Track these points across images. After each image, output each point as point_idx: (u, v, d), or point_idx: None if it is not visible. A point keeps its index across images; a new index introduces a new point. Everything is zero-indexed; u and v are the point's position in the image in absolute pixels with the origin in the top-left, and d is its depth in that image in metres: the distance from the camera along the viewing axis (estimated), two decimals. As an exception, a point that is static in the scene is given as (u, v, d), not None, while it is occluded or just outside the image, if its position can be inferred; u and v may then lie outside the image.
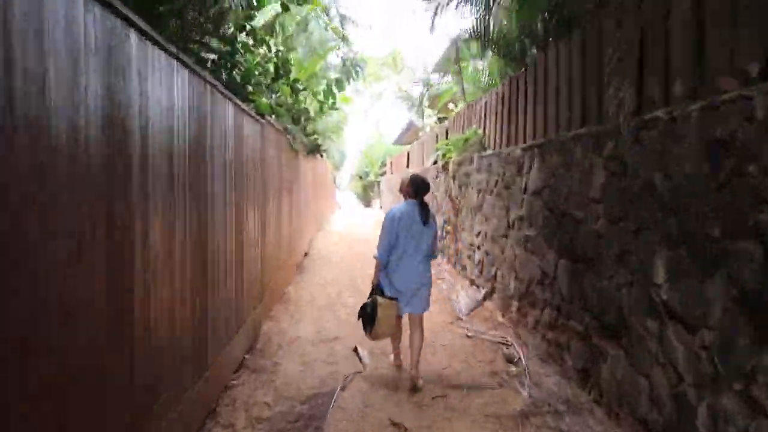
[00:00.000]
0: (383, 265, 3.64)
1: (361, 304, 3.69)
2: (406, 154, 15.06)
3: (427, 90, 12.79)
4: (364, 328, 3.66)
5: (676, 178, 2.34)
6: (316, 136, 8.69)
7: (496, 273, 5.25)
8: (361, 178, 30.28)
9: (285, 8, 4.73)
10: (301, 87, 6.04)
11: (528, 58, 5.31)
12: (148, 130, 2.02)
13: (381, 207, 22.63)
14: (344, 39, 7.55)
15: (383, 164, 25.24)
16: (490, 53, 6.57)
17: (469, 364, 4.02)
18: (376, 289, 3.67)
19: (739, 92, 1.98)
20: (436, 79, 12.56)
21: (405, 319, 3.80)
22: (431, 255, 3.75)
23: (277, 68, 5.13)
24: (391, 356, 3.96)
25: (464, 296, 5.88)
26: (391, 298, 3.60)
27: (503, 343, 4.37)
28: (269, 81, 5.06)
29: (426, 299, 3.70)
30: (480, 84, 7.81)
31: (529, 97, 4.71)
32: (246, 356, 3.95)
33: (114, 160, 1.74)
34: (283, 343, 4.35)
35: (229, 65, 3.76)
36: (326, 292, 6.41)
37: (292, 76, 5.58)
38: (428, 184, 3.75)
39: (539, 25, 4.96)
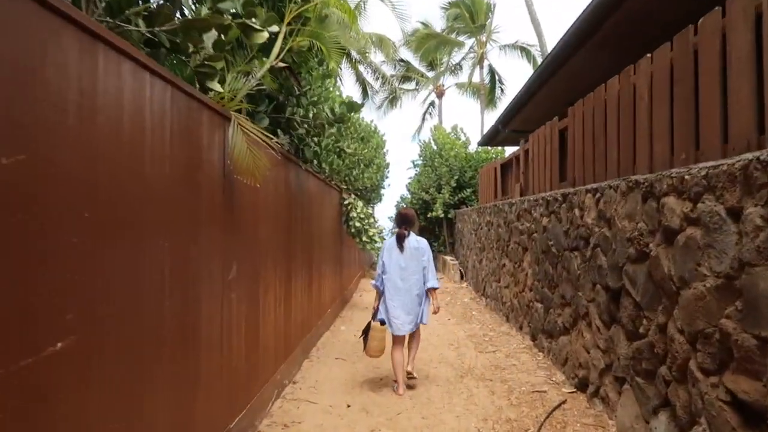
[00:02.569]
0: (381, 291, 4.15)
1: (363, 327, 4.34)
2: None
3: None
4: (364, 346, 4.23)
5: None
6: None
7: None
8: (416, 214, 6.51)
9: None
10: None
11: None
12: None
13: (463, 276, 11.08)
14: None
15: (458, 185, 13.53)
16: None
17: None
18: (375, 314, 4.19)
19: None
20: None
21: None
22: (424, 283, 4.10)
23: None
24: (396, 385, 4.16)
25: None
26: (382, 322, 4.12)
27: None
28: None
29: (415, 322, 4.12)
30: None
31: None
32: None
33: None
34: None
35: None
36: None
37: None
38: (409, 216, 4.24)
39: None
